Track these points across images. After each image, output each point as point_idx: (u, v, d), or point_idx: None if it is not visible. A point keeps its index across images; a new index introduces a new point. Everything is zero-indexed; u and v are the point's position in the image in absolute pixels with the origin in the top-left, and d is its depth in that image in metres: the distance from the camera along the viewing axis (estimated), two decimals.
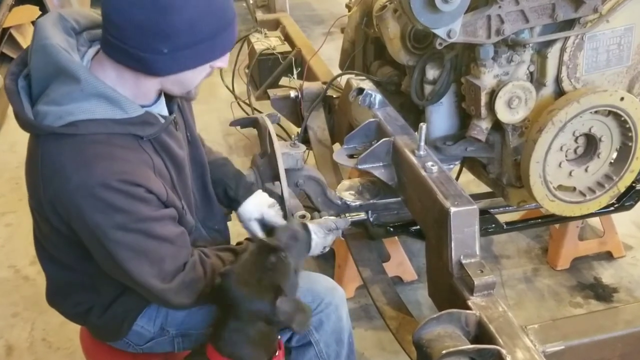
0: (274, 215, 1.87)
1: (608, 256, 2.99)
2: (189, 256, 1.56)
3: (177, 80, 1.44)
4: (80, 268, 1.58)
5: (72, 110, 1.36)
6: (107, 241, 1.40)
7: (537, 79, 2.19)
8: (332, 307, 1.73)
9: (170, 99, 1.59)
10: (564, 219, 2.71)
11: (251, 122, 2.18)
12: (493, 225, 2.49)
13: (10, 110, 4.70)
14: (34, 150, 1.42)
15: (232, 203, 1.89)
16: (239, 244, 1.73)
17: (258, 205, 1.88)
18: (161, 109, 1.55)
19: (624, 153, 2.26)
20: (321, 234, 1.82)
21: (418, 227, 2.40)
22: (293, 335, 1.73)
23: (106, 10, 1.34)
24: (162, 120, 1.51)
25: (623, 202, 2.63)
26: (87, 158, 1.36)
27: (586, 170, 2.26)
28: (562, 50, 2.13)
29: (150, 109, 1.49)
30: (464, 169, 2.60)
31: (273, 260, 1.49)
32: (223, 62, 1.47)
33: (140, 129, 1.44)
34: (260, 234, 1.87)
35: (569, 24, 2.11)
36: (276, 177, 2.02)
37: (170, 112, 1.58)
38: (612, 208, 2.65)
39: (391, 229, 2.43)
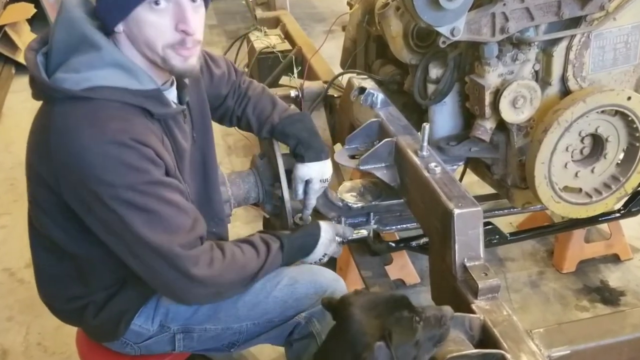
0: (315, 191, 1.98)
1: (615, 259, 2.99)
2: (204, 231, 1.56)
3: (138, 33, 1.46)
4: (77, 255, 1.59)
5: (90, 77, 1.42)
6: (118, 203, 1.41)
7: (542, 78, 2.20)
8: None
9: (180, 90, 1.65)
10: (567, 228, 2.72)
11: None
12: (497, 237, 2.49)
13: (5, 109, 4.72)
14: (45, 115, 1.46)
15: (296, 156, 1.97)
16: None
17: (313, 174, 1.95)
18: (173, 96, 1.62)
19: (631, 153, 2.26)
20: (329, 235, 1.83)
21: (420, 241, 2.41)
22: (295, 328, 1.74)
23: None
24: (174, 106, 1.58)
25: (630, 207, 2.64)
26: (101, 118, 1.41)
27: (592, 171, 2.26)
28: (568, 48, 2.13)
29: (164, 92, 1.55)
30: (467, 170, 2.60)
31: (405, 314, 1.39)
32: (184, 24, 1.45)
33: (152, 104, 1.49)
34: (298, 196, 1.99)
35: (575, 22, 2.12)
36: (276, 179, 2.02)
37: (181, 103, 1.64)
38: (618, 214, 2.66)
39: (393, 245, 2.44)
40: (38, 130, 1.50)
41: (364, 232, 2.10)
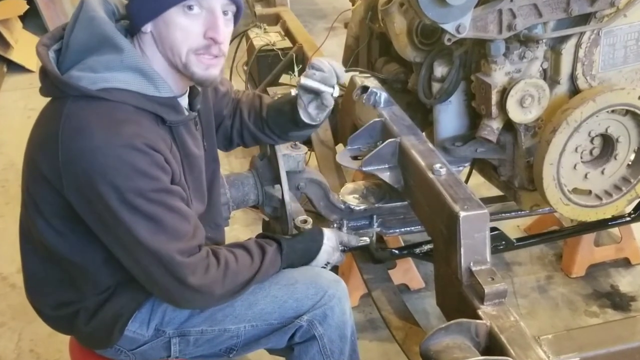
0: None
1: (625, 263, 2.98)
2: (203, 239, 1.60)
3: (166, 35, 1.50)
4: (70, 261, 1.60)
5: (107, 78, 1.45)
6: (125, 207, 1.43)
7: (550, 77, 2.20)
8: (335, 299, 1.75)
9: (192, 98, 1.68)
10: (576, 233, 2.72)
11: None
12: (503, 243, 2.49)
13: None
14: (55, 110, 1.47)
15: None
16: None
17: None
18: (185, 103, 1.65)
19: None
20: (333, 243, 1.85)
21: (424, 248, 2.42)
22: (297, 331, 1.75)
23: None
24: (187, 113, 1.62)
25: None
26: (115, 120, 1.44)
27: (602, 172, 2.26)
28: (577, 46, 2.14)
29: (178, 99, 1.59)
30: (474, 171, 2.60)
31: None
32: (214, 31, 1.50)
33: (166, 111, 1.53)
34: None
35: (584, 19, 2.12)
36: (276, 180, 2.03)
37: (192, 110, 1.68)
38: (629, 217, 2.66)
39: (396, 252, 2.45)
40: (45, 125, 1.51)
41: (367, 240, 2.10)
